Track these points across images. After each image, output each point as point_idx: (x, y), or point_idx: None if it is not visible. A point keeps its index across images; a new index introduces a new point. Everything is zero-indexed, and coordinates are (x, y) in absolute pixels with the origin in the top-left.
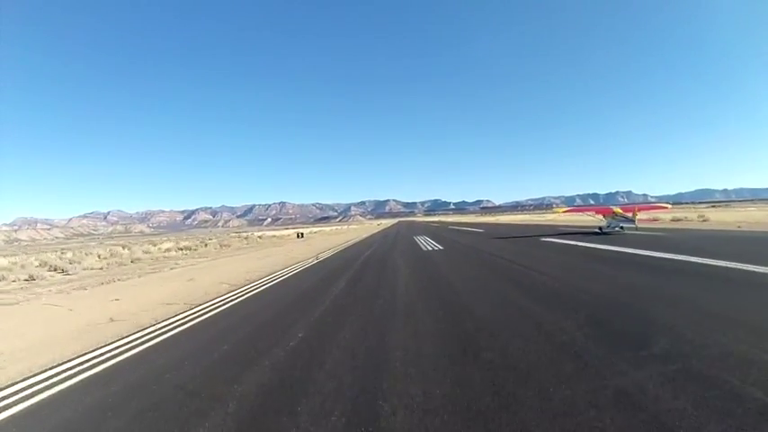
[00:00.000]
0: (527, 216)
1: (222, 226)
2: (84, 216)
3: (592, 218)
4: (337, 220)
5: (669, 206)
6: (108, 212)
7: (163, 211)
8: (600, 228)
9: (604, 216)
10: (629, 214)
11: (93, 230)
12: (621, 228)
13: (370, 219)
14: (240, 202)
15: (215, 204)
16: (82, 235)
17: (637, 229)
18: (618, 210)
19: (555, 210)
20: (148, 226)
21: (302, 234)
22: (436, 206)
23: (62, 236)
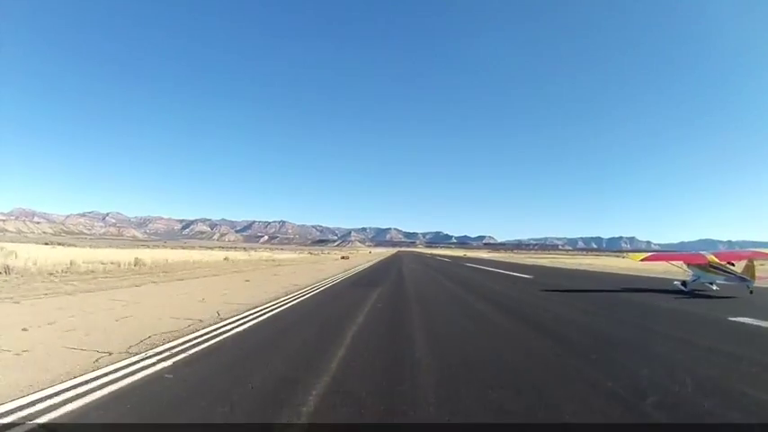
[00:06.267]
0: (598, 259)
1: (218, 239)
2: (83, 215)
3: (678, 268)
4: (336, 244)
5: None
6: (107, 214)
7: (161, 218)
8: (683, 283)
9: (689, 266)
10: (731, 264)
11: (88, 230)
12: (712, 284)
13: (369, 245)
14: (240, 216)
15: (215, 217)
16: (72, 233)
17: (752, 292)
18: (712, 258)
19: (629, 256)
20: (144, 232)
21: None
22: (438, 239)
23: (50, 231)
